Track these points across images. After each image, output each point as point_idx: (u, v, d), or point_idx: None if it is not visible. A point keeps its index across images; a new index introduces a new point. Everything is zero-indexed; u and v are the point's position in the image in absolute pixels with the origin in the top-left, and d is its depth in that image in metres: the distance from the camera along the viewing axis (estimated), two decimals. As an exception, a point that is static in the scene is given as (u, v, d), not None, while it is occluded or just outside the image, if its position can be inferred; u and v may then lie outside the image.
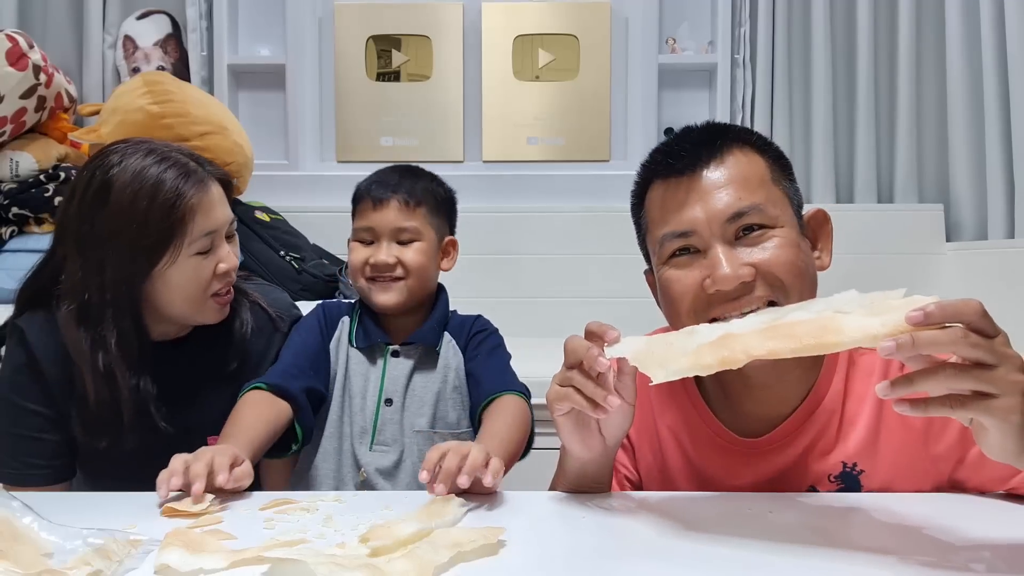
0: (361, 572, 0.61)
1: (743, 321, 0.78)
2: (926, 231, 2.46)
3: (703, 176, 0.90)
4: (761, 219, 0.88)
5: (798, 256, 0.88)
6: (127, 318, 1.08)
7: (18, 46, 2.05)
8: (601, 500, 0.86)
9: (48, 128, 2.25)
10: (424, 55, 2.69)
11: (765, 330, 0.68)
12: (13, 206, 2.06)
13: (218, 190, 1.11)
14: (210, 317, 1.14)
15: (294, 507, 0.83)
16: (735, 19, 2.57)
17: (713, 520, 0.78)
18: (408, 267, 1.20)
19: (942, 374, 0.63)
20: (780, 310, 0.79)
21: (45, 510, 0.72)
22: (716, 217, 0.87)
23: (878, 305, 0.67)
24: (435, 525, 0.74)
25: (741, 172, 0.90)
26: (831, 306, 0.71)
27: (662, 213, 0.92)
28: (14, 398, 1.11)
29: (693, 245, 0.90)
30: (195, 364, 1.15)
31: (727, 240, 0.88)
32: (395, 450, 1.18)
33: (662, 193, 0.93)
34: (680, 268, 0.90)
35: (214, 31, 2.58)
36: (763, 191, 0.89)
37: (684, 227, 0.89)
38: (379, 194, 1.21)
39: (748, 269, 0.86)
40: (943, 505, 0.83)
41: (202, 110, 2.09)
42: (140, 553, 0.68)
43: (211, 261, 1.09)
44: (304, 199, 2.51)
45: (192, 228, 1.06)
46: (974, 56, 2.42)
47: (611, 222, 2.51)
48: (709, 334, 0.74)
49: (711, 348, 0.69)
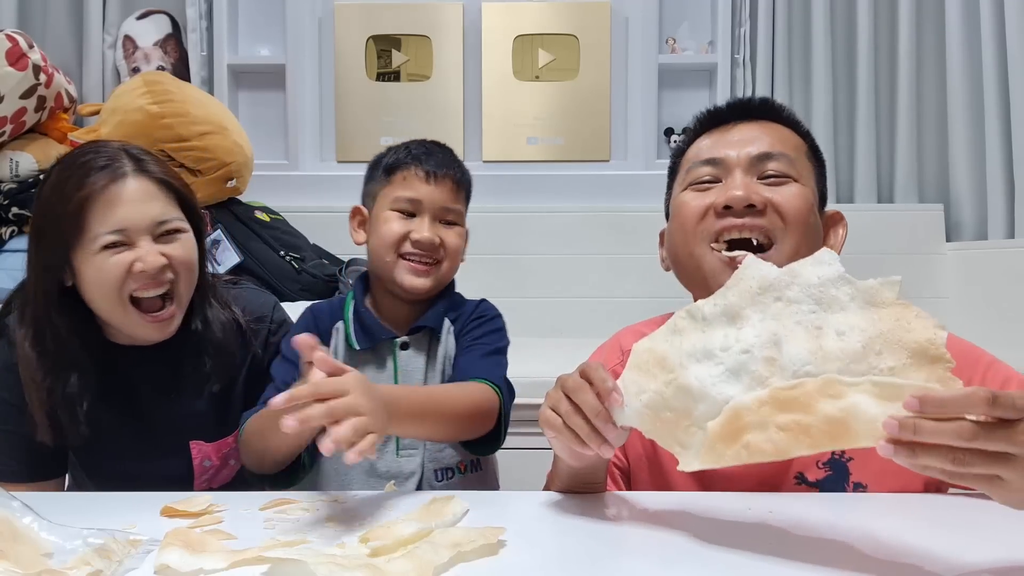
0: (361, 572, 0.61)
1: (734, 384, 0.69)
2: (926, 231, 2.46)
3: (744, 126, 0.98)
4: (787, 169, 0.94)
5: (809, 210, 0.93)
6: (48, 315, 1.05)
7: (18, 46, 2.06)
8: (601, 500, 0.86)
9: (48, 128, 2.25)
10: (424, 55, 2.69)
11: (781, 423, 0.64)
12: (13, 206, 2.06)
13: (142, 186, 1.03)
14: (142, 333, 1.06)
15: (294, 507, 0.83)
16: (735, 19, 2.57)
17: (713, 520, 0.78)
18: (449, 250, 1.12)
19: (948, 455, 0.57)
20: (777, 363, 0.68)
21: (45, 510, 0.72)
22: (746, 153, 0.95)
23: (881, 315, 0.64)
24: (435, 525, 0.74)
25: (782, 135, 0.97)
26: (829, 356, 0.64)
27: (698, 151, 0.99)
28: (4, 395, 1.10)
29: (718, 176, 0.96)
30: (176, 371, 1.11)
31: (750, 173, 0.94)
32: (421, 452, 1.11)
33: (705, 140, 1.00)
34: (698, 192, 0.96)
35: (214, 31, 2.58)
36: (795, 152, 0.96)
37: (715, 155, 0.96)
38: (432, 167, 1.12)
39: (760, 197, 0.91)
40: (945, 506, 0.83)
41: (202, 110, 2.09)
42: (140, 553, 0.68)
43: (124, 257, 1.01)
44: (304, 199, 2.51)
45: (95, 218, 1.00)
46: (974, 56, 2.42)
47: (611, 222, 2.52)
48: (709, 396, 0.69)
49: (723, 440, 0.67)
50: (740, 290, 0.71)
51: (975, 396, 0.56)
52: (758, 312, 0.69)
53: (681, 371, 0.71)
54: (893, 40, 2.51)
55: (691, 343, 0.72)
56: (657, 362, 0.73)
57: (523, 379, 1.24)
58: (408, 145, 1.16)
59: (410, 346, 1.13)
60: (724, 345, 0.70)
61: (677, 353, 0.72)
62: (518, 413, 1.32)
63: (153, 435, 1.13)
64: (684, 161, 1.02)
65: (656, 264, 1.12)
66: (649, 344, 0.76)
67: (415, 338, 1.13)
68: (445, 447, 1.12)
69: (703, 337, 0.71)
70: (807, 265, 0.68)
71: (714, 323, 0.72)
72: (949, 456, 0.57)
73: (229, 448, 1.16)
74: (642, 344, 0.76)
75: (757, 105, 1.02)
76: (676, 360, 0.72)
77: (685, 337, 0.73)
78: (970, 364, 0.90)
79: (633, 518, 0.80)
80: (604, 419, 0.74)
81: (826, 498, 0.87)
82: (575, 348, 2.11)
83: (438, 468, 1.11)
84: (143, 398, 1.12)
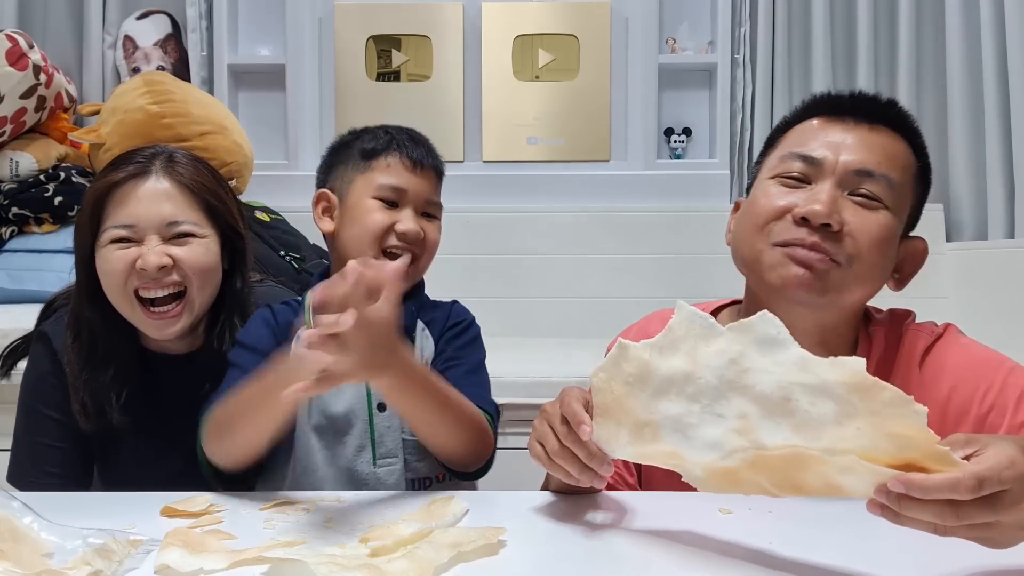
0: (361, 572, 0.61)
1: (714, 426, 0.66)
2: (926, 231, 2.42)
3: (861, 128, 0.90)
4: (882, 192, 0.87)
5: (887, 245, 0.88)
6: (81, 305, 1.08)
7: (18, 46, 2.06)
8: (601, 500, 0.86)
9: (48, 128, 2.25)
10: (424, 55, 2.69)
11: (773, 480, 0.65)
12: (13, 206, 2.06)
13: (160, 186, 1.04)
14: (146, 329, 1.05)
15: (294, 507, 0.83)
16: (735, 19, 2.56)
17: (713, 520, 0.78)
18: (428, 245, 1.05)
19: (930, 526, 0.58)
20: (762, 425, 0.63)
21: (45, 510, 0.72)
22: (847, 162, 0.88)
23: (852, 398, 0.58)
24: (435, 525, 0.74)
25: (894, 148, 0.90)
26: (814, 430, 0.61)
27: (802, 138, 0.92)
28: (37, 405, 1.11)
29: (809, 176, 0.89)
30: (201, 379, 1.08)
31: (842, 186, 0.88)
32: (400, 461, 1.02)
33: (817, 125, 0.92)
34: (783, 187, 0.90)
35: (214, 31, 2.58)
36: (902, 175, 0.89)
37: (814, 154, 0.89)
38: (419, 156, 1.06)
39: (840, 219, 0.85)
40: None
41: (202, 110, 2.09)
42: (140, 553, 0.68)
43: (128, 254, 1.02)
44: (304, 199, 2.47)
45: (109, 212, 1.03)
46: (974, 56, 2.42)
47: (611, 222, 2.51)
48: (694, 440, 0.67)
49: (720, 482, 0.68)
50: (686, 343, 0.66)
51: (960, 485, 0.56)
52: (711, 371, 0.64)
53: (656, 428, 0.69)
54: (893, 40, 2.51)
55: (654, 399, 0.69)
56: (624, 411, 0.71)
57: (523, 379, 1.24)
58: (387, 130, 1.09)
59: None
60: (692, 404, 0.66)
61: (643, 405, 0.69)
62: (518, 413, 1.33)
63: (176, 447, 1.10)
64: (784, 141, 0.95)
65: (656, 264, 1.11)
66: (608, 381, 0.72)
67: None
68: (421, 459, 1.03)
69: (664, 391, 0.68)
70: (753, 328, 0.62)
71: (666, 373, 0.67)
72: (932, 527, 0.58)
73: None
74: (600, 379, 0.73)
75: (882, 105, 0.93)
76: (646, 415, 0.69)
77: (644, 383, 0.69)
78: (991, 370, 0.88)
79: (633, 518, 0.80)
80: (598, 461, 0.73)
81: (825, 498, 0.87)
82: (575, 348, 2.11)
83: (415, 478, 1.04)
84: (168, 408, 1.11)
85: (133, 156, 1.07)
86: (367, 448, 1.02)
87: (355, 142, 1.09)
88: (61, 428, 1.10)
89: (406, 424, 1.00)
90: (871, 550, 0.70)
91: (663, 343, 0.67)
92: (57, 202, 2.06)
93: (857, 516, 0.79)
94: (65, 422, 1.10)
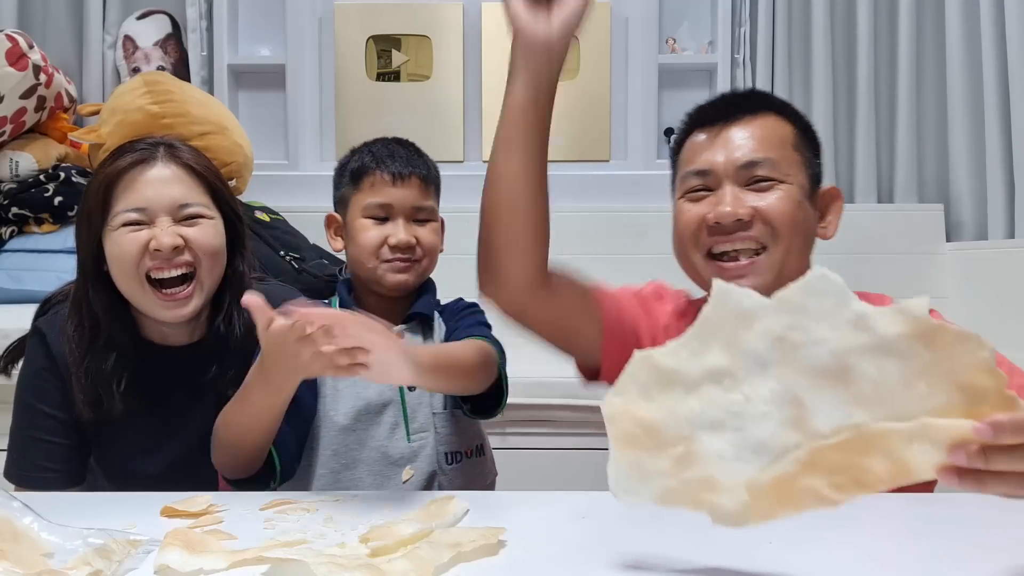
0: (361, 572, 0.61)
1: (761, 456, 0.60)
2: (926, 231, 2.46)
3: (731, 129, 1.00)
4: (771, 172, 0.98)
5: (796, 211, 0.97)
6: (86, 293, 1.08)
7: (18, 46, 2.05)
8: (601, 500, 0.86)
9: (48, 128, 2.25)
10: (424, 55, 2.69)
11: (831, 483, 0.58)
12: (13, 206, 2.06)
13: (167, 171, 1.07)
14: (158, 311, 1.06)
15: (294, 507, 0.83)
16: (735, 19, 2.56)
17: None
18: (425, 247, 1.15)
19: (1018, 481, 0.55)
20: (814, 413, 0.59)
21: (45, 510, 0.72)
22: (732, 162, 0.99)
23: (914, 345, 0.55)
24: (435, 525, 0.74)
25: (765, 132, 1.00)
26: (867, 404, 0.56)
27: (691, 155, 1.04)
28: (32, 401, 1.11)
29: (709, 185, 1.00)
30: (195, 374, 1.12)
31: (738, 183, 0.98)
32: (431, 434, 1.13)
33: (696, 139, 1.04)
34: (693, 202, 1.01)
35: (214, 31, 2.58)
36: (780, 151, 0.99)
37: (704, 166, 1.00)
38: (398, 169, 1.14)
39: (747, 209, 0.96)
40: (948, 505, 0.84)
41: (202, 110, 2.09)
42: (140, 553, 0.68)
43: (141, 235, 1.04)
44: (304, 199, 2.50)
45: (119, 196, 1.05)
46: (974, 56, 2.42)
47: (611, 222, 2.51)
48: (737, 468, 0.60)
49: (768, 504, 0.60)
50: (724, 333, 0.61)
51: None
52: (754, 358, 0.60)
53: (691, 443, 0.61)
54: (893, 40, 2.50)
55: (687, 407, 0.62)
56: (650, 434, 0.62)
57: (523, 379, 1.24)
58: (371, 147, 1.18)
59: (406, 334, 1.15)
60: (733, 407, 0.60)
61: (674, 421, 0.62)
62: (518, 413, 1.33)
63: (178, 438, 1.12)
64: (680, 161, 1.06)
65: (656, 264, 1.15)
66: (625, 406, 0.64)
67: (411, 326, 1.16)
68: (452, 431, 1.14)
69: (697, 396, 0.61)
70: (804, 295, 0.58)
71: (699, 376, 0.61)
72: (1020, 481, 0.55)
73: None
74: (616, 408, 0.64)
75: (744, 100, 1.05)
76: (677, 430, 0.62)
77: (671, 396, 0.62)
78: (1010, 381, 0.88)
79: (633, 518, 0.80)
80: None
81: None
82: (575, 348, 2.10)
83: (448, 451, 1.13)
84: (170, 399, 1.12)
85: (135, 145, 1.09)
86: (400, 426, 1.11)
87: (347, 164, 1.20)
88: (56, 423, 1.10)
89: (435, 402, 1.13)
90: (871, 550, 0.70)
91: (695, 341, 0.62)
92: (57, 202, 2.06)
93: (857, 516, 0.79)
94: (60, 417, 1.10)
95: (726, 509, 0.61)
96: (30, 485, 1.10)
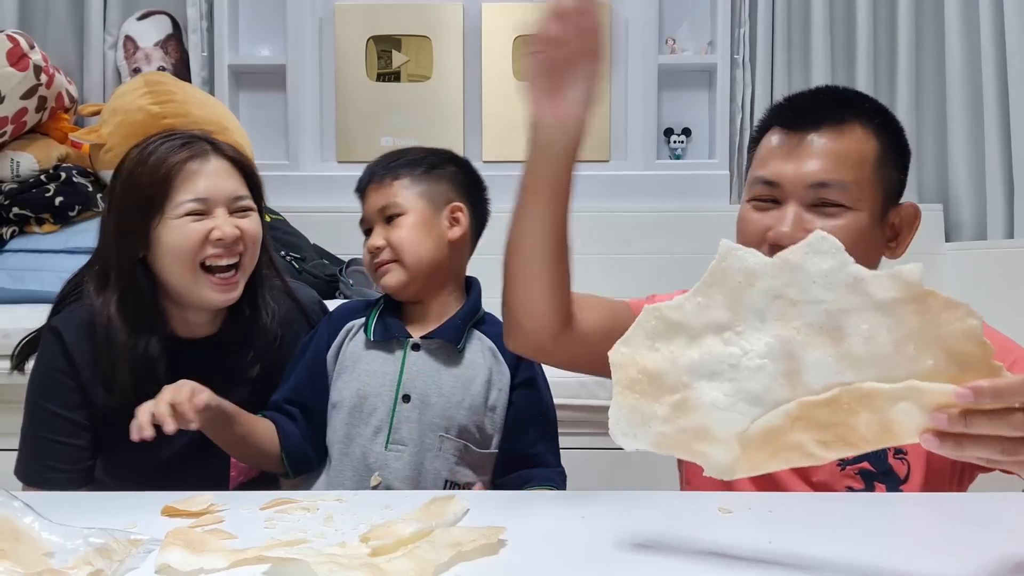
0: (361, 572, 0.61)
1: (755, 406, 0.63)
2: (926, 231, 2.44)
3: (811, 139, 0.95)
4: (840, 197, 0.93)
5: (858, 240, 0.92)
6: (132, 278, 1.10)
7: (19, 46, 2.06)
8: (602, 499, 0.87)
9: (49, 128, 2.25)
10: (424, 55, 2.69)
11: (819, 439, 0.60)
12: (14, 206, 2.06)
13: (221, 164, 1.12)
14: (209, 296, 1.11)
15: (294, 507, 0.83)
16: (735, 19, 2.57)
17: (713, 520, 0.78)
18: (394, 246, 1.12)
19: (998, 445, 0.57)
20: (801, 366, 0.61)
21: (46, 510, 0.72)
22: (802, 179, 0.94)
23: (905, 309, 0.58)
24: (435, 525, 0.74)
25: (845, 148, 0.94)
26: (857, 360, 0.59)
27: (764, 157, 0.99)
28: (43, 402, 1.11)
29: (775, 196, 0.96)
30: (221, 364, 1.14)
31: (804, 202, 0.94)
32: (412, 451, 1.08)
33: (774, 140, 0.99)
34: (757, 211, 0.98)
35: (214, 32, 2.59)
36: (856, 172, 0.94)
37: (772, 177, 0.96)
38: (361, 184, 1.18)
39: (807, 235, 0.89)
40: (949, 505, 0.84)
41: (203, 110, 2.10)
42: (141, 553, 0.69)
43: (203, 225, 1.08)
44: (304, 199, 2.51)
45: (179, 187, 1.08)
46: (974, 56, 2.42)
47: (611, 222, 2.51)
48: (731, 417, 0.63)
49: (758, 454, 0.63)
50: (727, 289, 0.63)
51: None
52: (754, 313, 0.62)
53: (689, 391, 0.64)
54: (893, 40, 2.51)
55: (688, 357, 0.64)
56: (651, 380, 0.65)
57: (523, 379, 1.24)
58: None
59: (421, 348, 1.12)
60: (730, 359, 0.63)
61: (675, 370, 0.64)
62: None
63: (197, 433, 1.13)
64: (755, 158, 1.01)
65: (656, 264, 1.14)
66: (631, 355, 0.66)
67: (428, 343, 1.13)
68: (463, 463, 1.11)
69: (698, 348, 0.64)
70: (804, 255, 0.61)
71: (701, 329, 0.64)
72: (999, 446, 0.56)
73: None
74: (622, 356, 0.66)
75: (832, 104, 0.98)
76: (676, 378, 0.64)
77: (674, 347, 0.65)
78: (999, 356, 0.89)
79: (633, 518, 0.80)
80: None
81: (828, 497, 0.87)
82: (575, 348, 2.11)
83: (453, 482, 1.11)
84: (215, 388, 1.12)
85: (172, 139, 1.12)
86: (383, 432, 1.10)
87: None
88: (67, 423, 1.11)
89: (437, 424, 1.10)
90: (871, 550, 0.70)
91: (700, 296, 0.64)
92: (58, 202, 2.06)
93: (857, 516, 0.79)
94: (71, 418, 1.11)
95: (718, 460, 0.64)
96: (39, 484, 1.10)
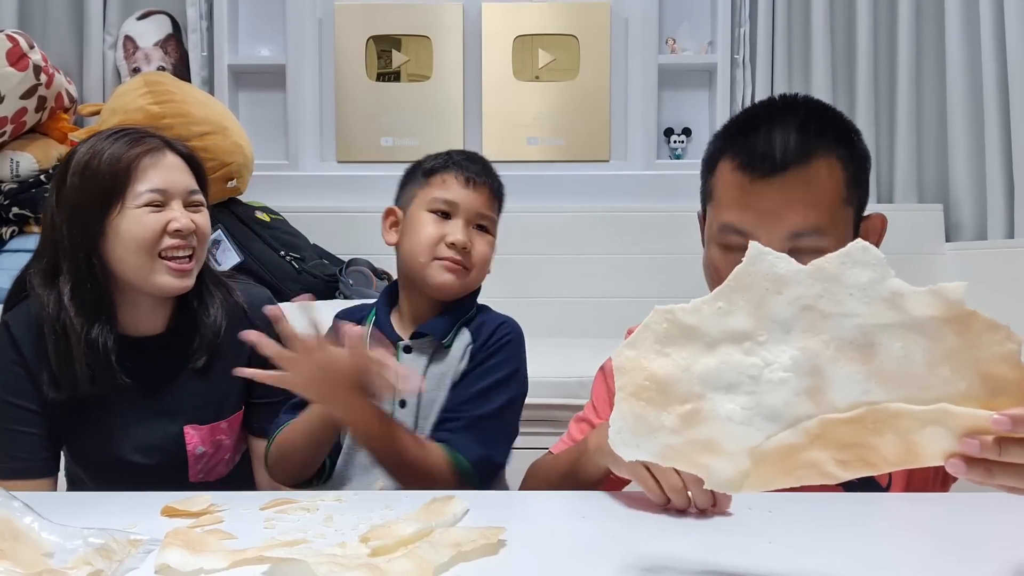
0: (361, 572, 0.61)
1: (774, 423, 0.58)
2: (926, 231, 2.46)
3: (778, 186, 0.89)
4: (818, 242, 0.88)
5: None
6: (87, 269, 1.11)
7: (18, 46, 2.06)
8: (602, 500, 0.87)
9: (48, 128, 2.25)
10: (424, 55, 2.69)
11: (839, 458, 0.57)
12: (13, 206, 2.07)
13: (175, 160, 1.14)
14: (165, 282, 1.12)
15: (294, 507, 0.83)
16: (735, 19, 2.57)
17: (714, 520, 0.78)
18: (474, 257, 1.13)
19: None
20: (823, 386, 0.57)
21: (45, 510, 0.72)
22: (777, 232, 0.89)
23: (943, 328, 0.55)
24: (435, 525, 0.74)
25: (816, 192, 0.90)
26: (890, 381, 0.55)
27: (728, 198, 0.93)
28: (2, 394, 1.13)
29: (747, 243, 0.90)
30: (173, 358, 1.17)
31: (781, 249, 0.88)
32: None
33: (734, 177, 0.92)
34: (728, 252, 0.92)
35: (214, 31, 2.59)
36: (830, 210, 0.90)
37: (744, 227, 0.91)
38: (473, 174, 1.15)
39: None
40: (949, 506, 0.84)
41: (202, 110, 2.10)
42: (140, 553, 0.68)
43: (162, 216, 1.10)
44: (304, 199, 2.51)
45: (139, 178, 1.10)
46: (974, 56, 2.42)
47: (611, 222, 2.52)
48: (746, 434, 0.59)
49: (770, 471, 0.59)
50: (752, 295, 0.58)
51: None
52: (779, 323, 0.58)
53: (702, 402, 0.59)
54: (893, 40, 2.51)
55: (703, 365, 0.59)
56: (660, 388, 0.60)
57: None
58: (450, 152, 1.19)
59: (412, 350, 1.13)
60: (751, 370, 0.58)
61: (687, 378, 0.59)
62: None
63: (150, 421, 1.16)
64: (714, 188, 0.95)
65: (656, 264, 1.13)
66: (638, 359, 0.61)
67: (418, 343, 1.13)
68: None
69: (715, 356, 0.59)
70: (841, 265, 0.57)
71: (719, 336, 0.59)
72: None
73: (221, 433, 1.20)
74: (626, 360, 0.61)
75: (793, 149, 0.90)
76: (688, 387, 0.59)
77: (687, 353, 0.60)
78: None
79: (634, 518, 0.80)
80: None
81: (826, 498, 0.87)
82: (575, 348, 2.11)
83: None
84: (143, 386, 1.16)
85: (125, 133, 1.14)
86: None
87: (421, 163, 1.19)
88: (25, 413, 1.13)
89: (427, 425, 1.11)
90: (871, 551, 0.70)
91: (720, 301, 0.59)
92: (57, 202, 2.06)
93: (857, 517, 0.79)
94: (29, 408, 1.13)
95: (722, 474, 0.60)
96: (2, 475, 1.11)
